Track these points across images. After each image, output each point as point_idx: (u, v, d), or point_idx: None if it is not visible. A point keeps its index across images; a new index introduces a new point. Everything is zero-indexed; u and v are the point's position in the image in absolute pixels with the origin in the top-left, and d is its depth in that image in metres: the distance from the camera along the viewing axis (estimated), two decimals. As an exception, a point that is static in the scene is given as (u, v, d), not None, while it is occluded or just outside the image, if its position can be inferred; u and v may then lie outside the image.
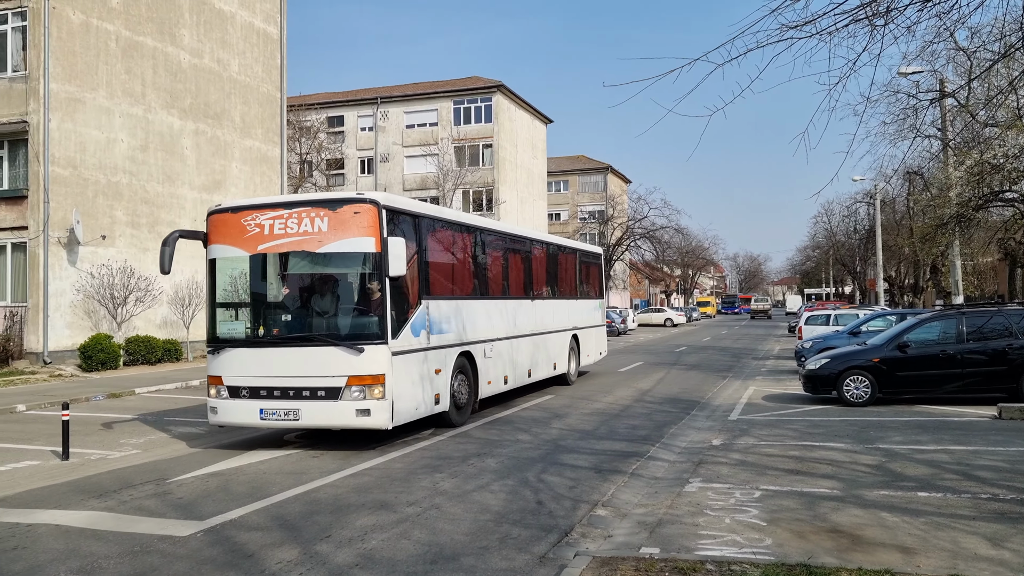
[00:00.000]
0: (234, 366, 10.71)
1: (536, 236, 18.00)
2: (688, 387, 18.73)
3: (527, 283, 16.62)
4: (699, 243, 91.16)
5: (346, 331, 10.45)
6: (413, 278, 11.10)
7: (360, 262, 10.40)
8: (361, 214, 10.26)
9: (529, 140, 58.67)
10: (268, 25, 31.90)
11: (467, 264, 13.72)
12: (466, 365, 12.98)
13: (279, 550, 6.42)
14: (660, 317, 63.18)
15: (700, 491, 8.13)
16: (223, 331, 11.12)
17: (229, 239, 10.85)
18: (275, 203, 10.74)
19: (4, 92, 23.14)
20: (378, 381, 10.15)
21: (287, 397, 10.34)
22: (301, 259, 10.77)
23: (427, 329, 11.46)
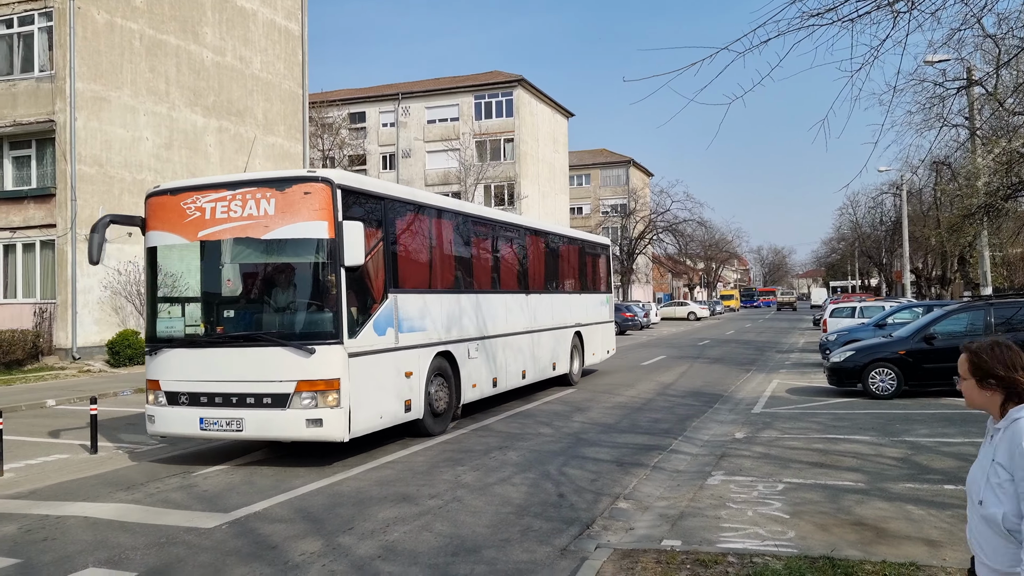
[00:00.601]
0: (173, 369, 9.53)
1: (533, 225, 16.74)
2: (711, 380, 18.63)
3: (522, 276, 15.42)
4: (722, 236, 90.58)
5: (295, 329, 9.20)
6: (378, 268, 9.92)
7: (311, 250, 9.12)
8: (312, 194, 8.98)
9: (550, 134, 58.55)
10: (289, 22, 32.07)
11: (448, 254, 12.37)
12: (445, 367, 11.66)
13: (302, 542, 6.48)
14: (683, 311, 62.86)
15: (722, 484, 8.09)
16: (162, 329, 9.93)
17: (168, 225, 9.64)
18: (217, 183, 9.55)
19: (31, 92, 23.48)
20: (332, 387, 8.85)
21: (230, 404, 9.11)
22: (245, 247, 9.56)
23: (395, 326, 10.16)
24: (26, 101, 23.52)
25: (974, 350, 2.83)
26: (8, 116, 23.64)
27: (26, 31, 23.76)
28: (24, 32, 23.81)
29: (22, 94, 23.62)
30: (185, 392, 9.40)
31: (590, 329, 18.89)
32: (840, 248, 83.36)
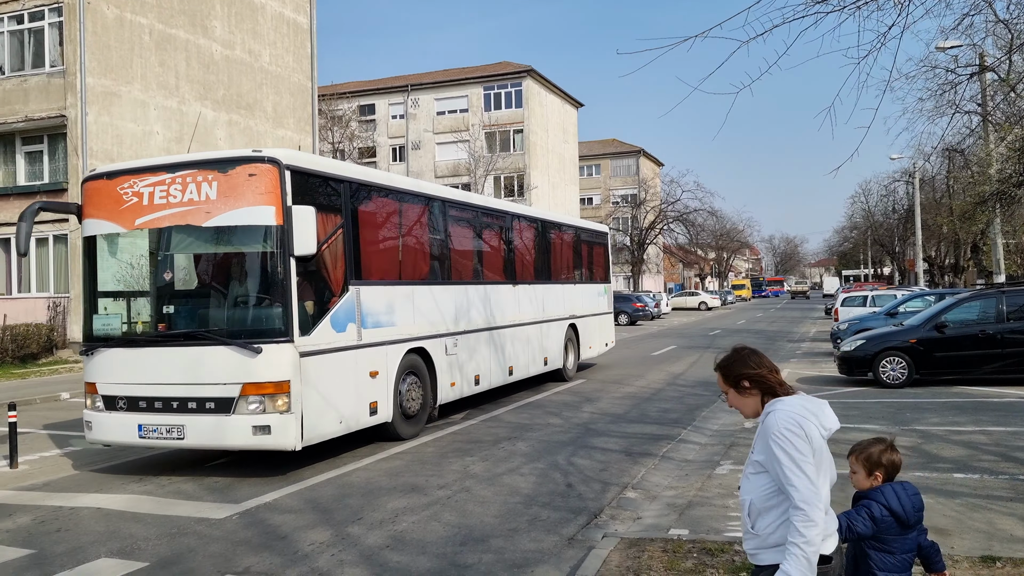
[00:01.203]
0: (110, 371, 8.73)
1: (519, 211, 15.69)
2: (721, 370, 18.56)
3: (508, 265, 14.42)
4: (733, 226, 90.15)
5: (240, 326, 8.41)
6: (336, 258, 9.11)
7: (256, 238, 8.30)
8: (257, 176, 8.15)
9: (560, 124, 58.40)
10: (298, 15, 32.09)
11: (421, 243, 11.49)
12: (419, 364, 10.81)
13: (312, 532, 6.53)
14: (694, 301, 62.69)
15: (731, 473, 8.09)
16: (99, 327, 9.04)
17: (104, 212, 8.79)
18: (156, 165, 8.68)
19: (43, 87, 23.61)
20: (281, 389, 8.04)
21: (170, 410, 8.33)
22: (185, 235, 8.69)
23: (357, 322, 9.33)
24: (37, 96, 23.66)
25: (719, 363, 3.10)
26: (20, 111, 23.80)
27: (36, 26, 23.88)
28: (34, 27, 23.94)
29: (33, 89, 23.76)
30: (123, 396, 8.62)
31: (586, 321, 18.05)
32: (852, 237, 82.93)
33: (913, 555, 3.47)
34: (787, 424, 2.83)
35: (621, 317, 41.18)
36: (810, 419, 2.87)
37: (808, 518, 2.73)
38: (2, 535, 6.71)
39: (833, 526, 2.94)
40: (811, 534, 2.72)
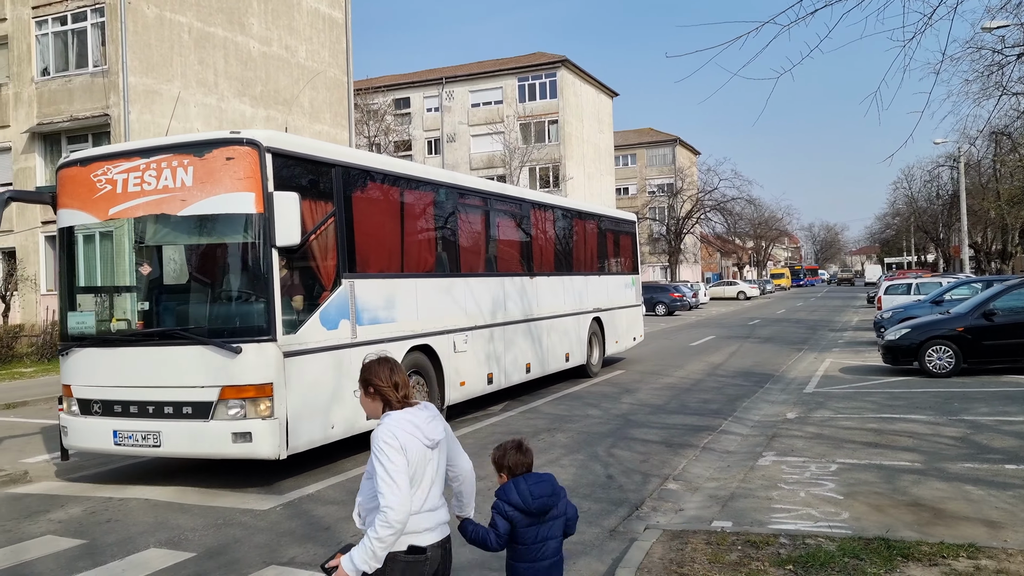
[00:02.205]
0: (85, 372, 8.15)
1: (537, 198, 14.76)
2: (761, 360, 18.39)
3: (524, 256, 13.57)
4: (772, 214, 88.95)
5: (219, 324, 7.73)
6: (327, 249, 8.40)
7: (235, 228, 7.65)
8: (235, 160, 7.50)
9: (595, 114, 58.06)
10: (333, 10, 32.29)
11: (426, 232, 10.73)
12: (424, 363, 10.08)
13: (352, 527, 6.58)
14: (733, 290, 62.08)
15: (774, 465, 8.00)
16: (73, 325, 8.44)
17: (78, 201, 8.19)
18: (130, 150, 8.07)
19: (87, 87, 24.09)
20: (263, 393, 7.39)
21: (146, 415, 7.73)
22: (160, 225, 8.03)
23: (351, 318, 8.64)
24: (81, 96, 24.15)
25: (363, 364, 3.40)
26: (65, 111, 24.31)
27: (79, 27, 24.36)
28: (78, 28, 24.41)
29: (77, 89, 24.25)
30: (98, 400, 8.02)
31: (612, 314, 17.16)
32: (895, 224, 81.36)
33: (555, 542, 3.62)
34: (384, 436, 3.14)
35: (659, 307, 40.93)
36: (412, 432, 3.19)
37: (387, 521, 3.05)
38: (55, 525, 6.88)
39: (438, 520, 3.29)
40: (385, 534, 3.05)
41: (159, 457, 8.42)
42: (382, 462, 3.13)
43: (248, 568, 5.62)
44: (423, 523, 3.26)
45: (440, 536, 3.34)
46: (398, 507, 3.07)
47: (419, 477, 3.24)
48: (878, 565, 5.02)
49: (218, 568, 5.64)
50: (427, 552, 3.27)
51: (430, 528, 3.29)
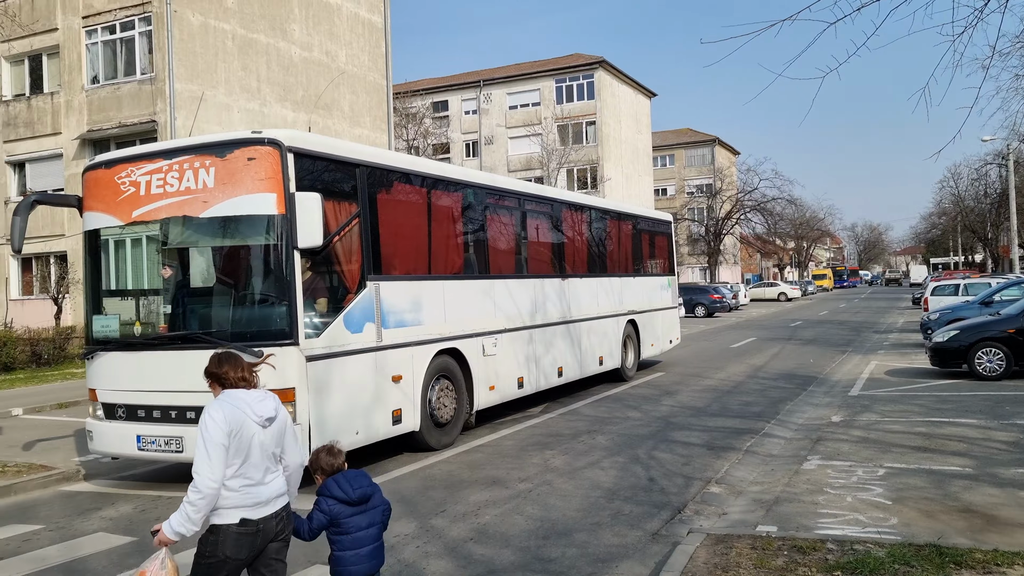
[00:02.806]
0: (109, 376, 8.11)
1: (569, 198, 14.48)
2: (804, 362, 18.11)
3: (556, 257, 13.31)
4: (813, 214, 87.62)
5: (241, 328, 7.64)
6: (351, 251, 8.27)
7: (256, 229, 7.55)
8: (257, 161, 7.40)
9: (633, 115, 57.77)
10: (372, 15, 32.59)
11: (454, 233, 10.47)
12: (452, 367, 9.90)
13: (397, 524, 6.63)
14: (773, 291, 61.26)
15: (819, 469, 7.88)
16: (98, 329, 8.38)
17: (103, 204, 8.13)
18: (153, 152, 8.02)
19: (134, 94, 24.63)
20: (285, 398, 7.10)
21: (168, 420, 7.67)
22: (182, 228, 7.91)
23: (376, 321, 8.47)
24: (130, 103, 24.70)
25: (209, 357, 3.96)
26: (114, 118, 24.89)
27: (127, 36, 24.92)
28: (126, 37, 24.98)
29: (126, 96, 24.81)
30: (122, 404, 7.98)
31: (648, 317, 16.87)
32: (941, 223, 79.67)
33: (376, 529, 4.10)
34: (210, 412, 3.57)
35: (698, 309, 40.58)
36: (241, 407, 3.64)
37: (196, 487, 3.48)
38: (107, 523, 7.04)
39: (273, 493, 3.73)
40: (196, 498, 3.48)
41: (182, 463, 8.17)
42: (201, 434, 3.56)
43: (294, 566, 5.68)
44: (256, 496, 3.65)
45: (274, 508, 3.75)
46: (206, 475, 3.50)
47: (246, 449, 3.62)
48: (930, 572, 4.92)
49: (264, 566, 5.72)
50: (259, 525, 3.67)
51: (262, 502, 3.67)
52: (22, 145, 26.93)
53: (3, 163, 27.22)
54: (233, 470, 3.61)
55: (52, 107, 26.28)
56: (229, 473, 3.60)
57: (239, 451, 3.60)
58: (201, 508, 3.53)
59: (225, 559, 3.65)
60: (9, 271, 27.44)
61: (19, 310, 26.23)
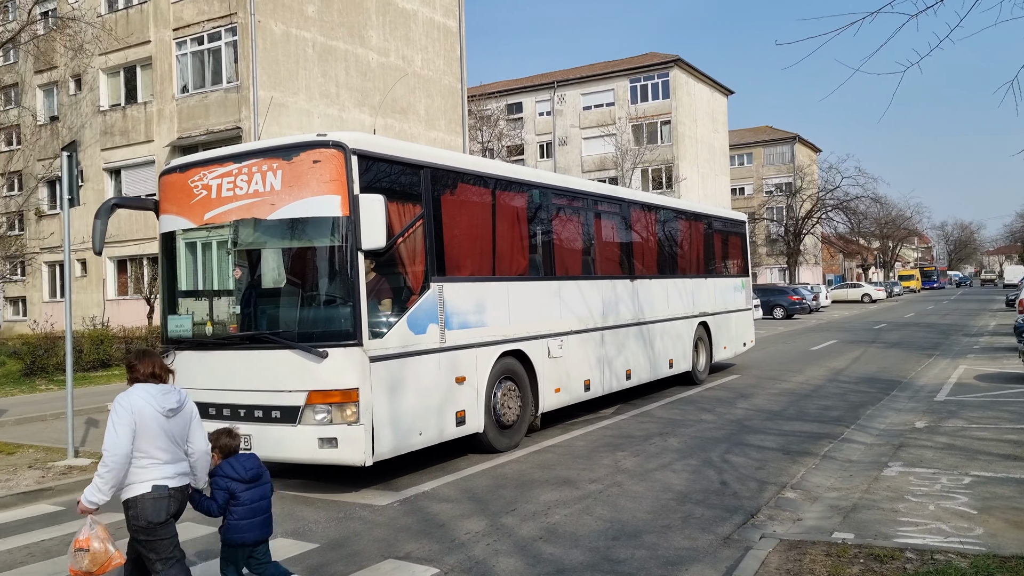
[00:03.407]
0: (182, 375, 7.93)
1: (638, 197, 14.23)
2: (888, 366, 17.53)
3: (624, 258, 13.10)
4: (900, 212, 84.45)
5: (306, 328, 7.76)
6: (415, 252, 8.31)
7: (321, 231, 7.65)
8: (322, 163, 7.51)
9: (709, 113, 56.86)
10: (447, 19, 33.01)
11: (517, 234, 10.30)
12: (517, 369, 9.84)
13: (468, 521, 6.74)
14: (857, 292, 59.38)
15: (900, 476, 7.64)
16: (173, 329, 8.58)
17: (176, 207, 8.36)
18: (224, 156, 8.21)
19: (221, 102, 25.60)
20: (349, 398, 7.33)
21: (236, 418, 7.77)
22: (251, 230, 8.06)
23: (440, 322, 8.47)
24: (216, 111, 25.68)
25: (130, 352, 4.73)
26: (202, 125, 25.92)
27: (215, 47, 25.93)
28: (213, 48, 25.99)
29: (213, 104, 25.81)
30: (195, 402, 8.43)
31: (720, 319, 16.51)
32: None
33: (266, 502, 4.84)
34: (118, 401, 4.32)
35: (776, 311, 39.66)
36: (145, 399, 4.33)
37: (104, 461, 4.20)
38: (192, 513, 7.36)
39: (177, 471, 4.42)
40: (103, 471, 4.18)
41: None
42: (111, 416, 4.28)
43: (367, 560, 5.86)
44: (163, 472, 4.36)
45: (179, 484, 4.43)
46: (111, 451, 4.20)
47: (152, 435, 4.33)
48: (1015, 585, 4.73)
49: (339, 559, 5.90)
50: (170, 491, 4.35)
51: (169, 476, 4.38)
52: (118, 153, 28.32)
53: (101, 170, 28.67)
54: (141, 451, 4.30)
55: (145, 116, 27.54)
56: (137, 453, 4.28)
57: (144, 435, 4.30)
58: (108, 479, 4.21)
59: (148, 525, 4.30)
60: (106, 273, 28.87)
61: (115, 309, 27.57)
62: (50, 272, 31.56)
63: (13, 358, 20.09)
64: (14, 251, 29.07)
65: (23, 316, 31.80)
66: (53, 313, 28.88)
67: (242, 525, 4.74)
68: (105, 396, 15.32)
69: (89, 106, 29.21)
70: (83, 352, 19.40)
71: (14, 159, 31.72)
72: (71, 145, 9.92)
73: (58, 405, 13.52)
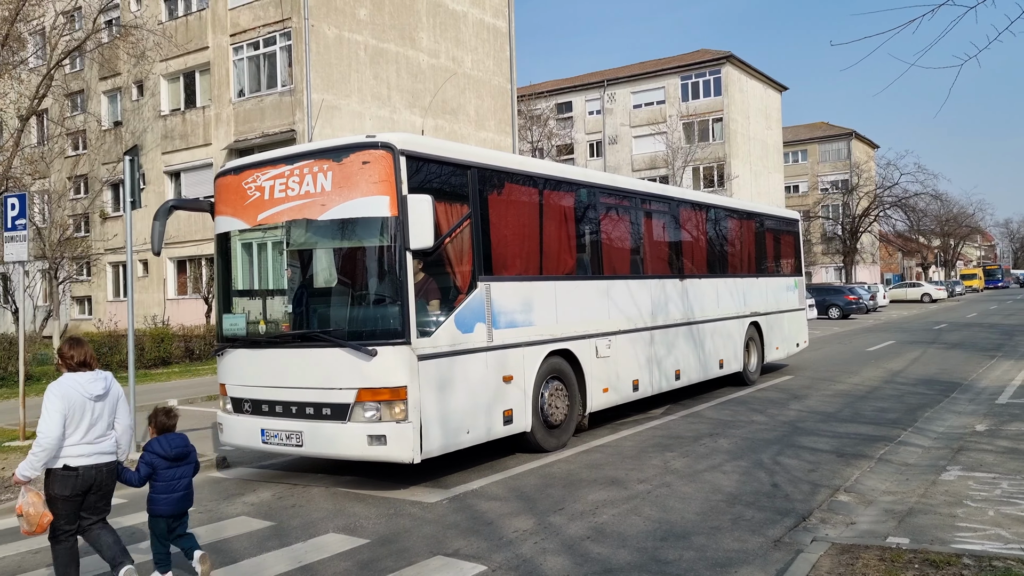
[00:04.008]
0: (236, 372, 8.55)
1: (687, 196, 14.08)
2: (947, 367, 17.06)
3: (673, 257, 12.96)
4: (961, 210, 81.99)
5: (355, 327, 7.88)
6: (462, 252, 8.37)
7: (370, 231, 7.74)
8: (371, 164, 7.60)
9: (762, 110, 55.99)
10: (497, 20, 33.14)
11: (564, 233, 10.24)
12: (564, 368, 9.82)
13: (516, 519, 6.79)
14: (916, 292, 57.82)
15: (959, 480, 7.45)
16: (227, 327, 8.78)
17: (231, 208, 8.55)
18: (276, 158, 8.37)
19: (275, 105, 26.13)
20: (397, 396, 7.43)
21: (289, 415, 7.97)
22: (302, 230, 8.23)
23: (487, 321, 8.51)
24: (271, 114, 26.22)
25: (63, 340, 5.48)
26: (257, 128, 26.49)
27: (269, 51, 26.48)
28: (268, 52, 26.55)
29: (268, 108, 26.35)
30: (248, 399, 8.38)
31: (772, 319, 16.21)
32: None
33: (187, 480, 5.41)
34: (51, 389, 4.90)
35: (832, 310, 38.90)
36: (74, 387, 4.92)
37: (38, 442, 4.81)
38: (248, 507, 7.56)
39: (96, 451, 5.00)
40: (38, 450, 4.81)
41: (303, 457, 8.77)
42: (44, 403, 4.84)
43: (416, 557, 5.94)
44: (80, 451, 4.94)
45: (96, 461, 5.00)
46: (46, 432, 4.80)
47: (78, 418, 4.92)
48: (1078, 594, 4.59)
49: (389, 555, 6.00)
50: (78, 471, 4.94)
51: (85, 455, 4.95)
52: (177, 156, 29.13)
53: (161, 173, 29.52)
54: (70, 432, 4.89)
55: (203, 120, 28.26)
56: (67, 434, 4.88)
57: (72, 419, 4.89)
58: (41, 457, 4.83)
59: (54, 496, 4.95)
60: (166, 273, 29.70)
61: (175, 309, 28.36)
62: (114, 272, 32.61)
63: (79, 355, 20.81)
64: (80, 252, 30.08)
65: (88, 315, 32.92)
66: (116, 312, 29.89)
67: (160, 499, 5.31)
68: (166, 393, 15.77)
69: (150, 111, 30.09)
70: (144, 350, 20.02)
71: (80, 163, 32.86)
72: (133, 149, 10.27)
73: (121, 401, 13.97)
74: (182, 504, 5.37)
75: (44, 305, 27.75)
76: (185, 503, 5.39)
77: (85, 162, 32.70)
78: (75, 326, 31.53)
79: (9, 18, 22.27)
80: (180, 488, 5.34)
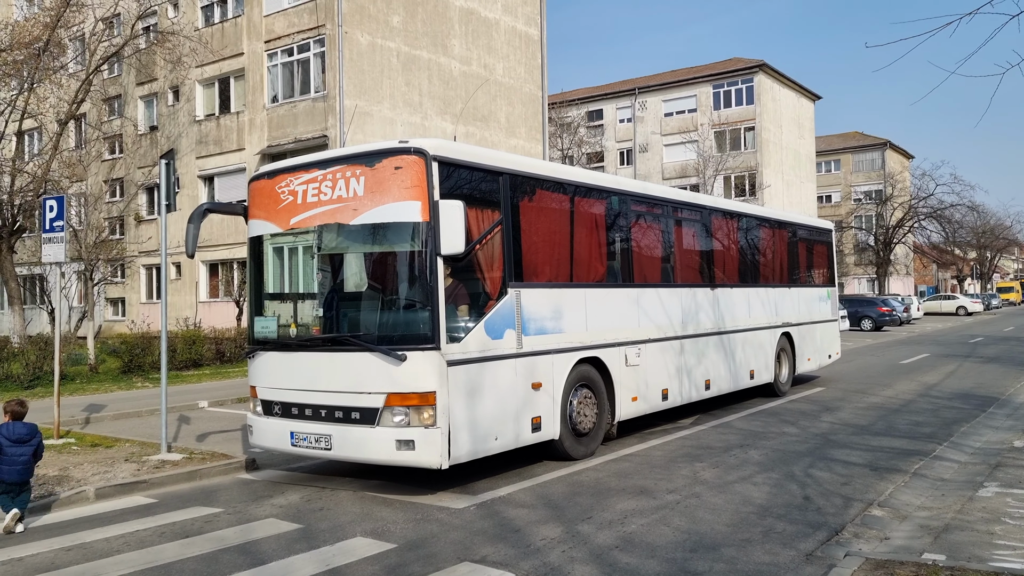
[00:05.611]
0: (266, 375, 8.60)
1: (719, 205, 13.94)
2: (984, 381, 16.72)
3: (704, 266, 12.83)
4: (999, 221, 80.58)
5: (385, 331, 7.85)
6: (492, 258, 8.36)
7: (401, 236, 7.73)
8: (403, 169, 7.62)
9: (795, 119, 55.50)
10: (529, 27, 33.23)
11: (595, 240, 10.18)
12: (593, 376, 9.74)
13: (544, 527, 6.75)
14: (951, 305, 56.85)
15: (997, 496, 7.28)
16: (258, 330, 8.82)
17: (264, 212, 8.63)
18: (309, 163, 8.40)
19: (308, 111, 26.41)
20: (426, 401, 7.43)
21: (318, 418, 8.01)
22: (334, 235, 8.30)
23: (517, 328, 8.47)
24: (304, 120, 26.50)
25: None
26: (290, 134, 26.78)
27: (303, 58, 26.79)
28: (301, 59, 26.86)
29: (301, 114, 26.64)
30: (278, 402, 8.43)
31: (804, 330, 16.03)
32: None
33: (26, 457, 7.04)
34: None
35: (864, 322, 38.38)
36: None
37: None
38: (277, 509, 7.60)
39: None
40: None
41: (331, 460, 8.83)
42: None
43: (443, 562, 5.93)
44: None
45: None
46: None
47: None
48: (1123, 617, 4.45)
49: (416, 560, 5.99)
50: None
51: None
52: (211, 160, 29.55)
53: (195, 177, 29.94)
54: None
55: (237, 125, 28.63)
56: None
57: None
58: None
59: None
60: (199, 276, 30.10)
61: (206, 311, 28.71)
62: (147, 274, 33.12)
63: (112, 356, 21.15)
64: (115, 254, 30.60)
65: (122, 316, 33.45)
66: (150, 314, 30.35)
67: (3, 469, 6.96)
68: (197, 394, 15.95)
69: (186, 116, 30.56)
70: (177, 352, 20.27)
71: (116, 167, 33.45)
72: (169, 153, 10.42)
73: (153, 402, 14.17)
74: (22, 475, 7.03)
75: (79, 306, 28.24)
76: (24, 475, 7.05)
77: (121, 166, 33.28)
78: (109, 327, 32.06)
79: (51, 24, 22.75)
80: (19, 463, 6.99)
